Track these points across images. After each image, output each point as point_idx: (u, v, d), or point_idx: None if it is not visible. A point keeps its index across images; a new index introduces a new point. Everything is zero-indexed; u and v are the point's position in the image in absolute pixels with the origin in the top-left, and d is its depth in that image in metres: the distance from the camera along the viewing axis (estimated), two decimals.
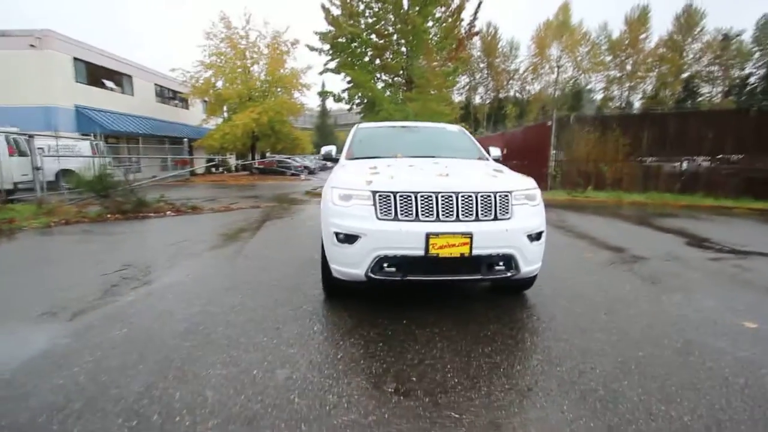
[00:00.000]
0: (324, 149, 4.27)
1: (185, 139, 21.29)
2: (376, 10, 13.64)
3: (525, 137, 14.70)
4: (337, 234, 2.81)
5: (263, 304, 3.21)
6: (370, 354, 2.41)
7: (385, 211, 2.73)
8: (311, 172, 27.28)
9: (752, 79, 43.10)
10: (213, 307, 3.13)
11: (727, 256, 4.92)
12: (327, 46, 15.06)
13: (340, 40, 13.79)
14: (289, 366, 2.25)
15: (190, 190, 14.84)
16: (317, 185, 15.82)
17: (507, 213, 2.79)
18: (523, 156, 14.02)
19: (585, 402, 1.94)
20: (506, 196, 2.81)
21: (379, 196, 2.74)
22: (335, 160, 4.16)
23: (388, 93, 13.79)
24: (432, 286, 3.52)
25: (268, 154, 27.54)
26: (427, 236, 2.62)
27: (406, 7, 13.04)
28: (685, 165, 12.03)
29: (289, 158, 21.42)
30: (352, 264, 2.79)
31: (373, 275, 2.74)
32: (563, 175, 12.81)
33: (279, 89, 22.20)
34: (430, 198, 2.71)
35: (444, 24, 13.33)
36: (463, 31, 13.56)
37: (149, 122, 21.39)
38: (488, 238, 2.67)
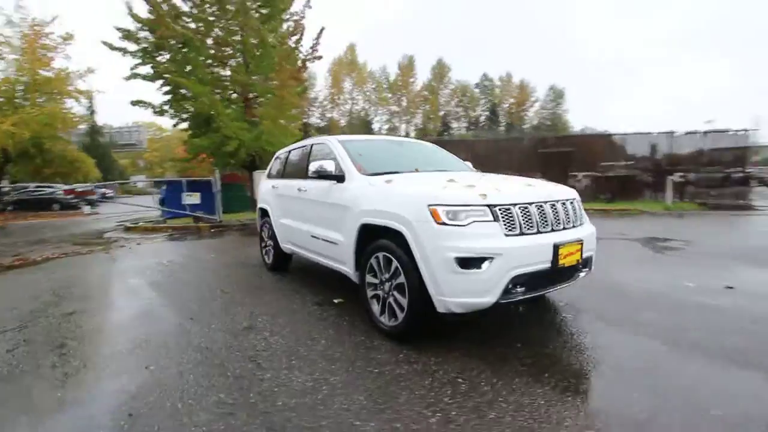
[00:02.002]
0: (317, 164, 3.44)
1: None
2: (204, 15, 11.97)
3: None
4: (459, 259, 2.34)
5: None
6: (558, 400, 2.10)
7: (510, 226, 2.46)
8: (90, 203, 21.12)
9: (482, 118, 59.35)
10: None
11: None
12: (133, 47, 12.15)
13: (150, 40, 11.32)
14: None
15: None
16: (128, 219, 12.34)
17: (584, 217, 2.98)
18: None
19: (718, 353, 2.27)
20: (579, 202, 3.00)
21: (500, 210, 2.45)
22: (336, 178, 3.43)
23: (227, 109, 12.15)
24: None
25: (3, 184, 19.53)
26: (556, 247, 2.51)
27: (243, 17, 11.96)
28: None
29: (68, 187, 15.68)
30: (479, 292, 2.37)
31: (501, 300, 2.41)
32: None
33: (41, 97, 15.96)
34: (542, 208, 2.62)
35: (283, 45, 12.87)
36: (303, 53, 13.40)
37: None
38: (589, 242, 2.78)
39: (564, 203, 2.77)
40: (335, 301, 3.68)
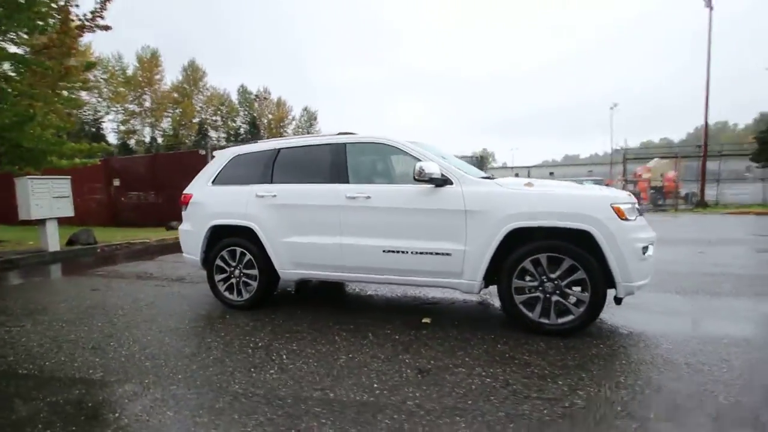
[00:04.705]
0: (421, 165, 2.91)
1: None
2: None
3: (164, 167, 12.71)
4: (644, 248, 2.77)
5: None
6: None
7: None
8: None
9: (241, 130, 57.33)
10: None
11: None
12: None
13: None
14: None
15: None
16: None
17: None
18: (159, 187, 12.22)
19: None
20: None
21: (636, 206, 3.01)
22: (441, 182, 3.04)
23: None
24: None
25: None
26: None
27: None
28: None
29: None
30: (649, 273, 2.88)
31: None
32: None
33: None
34: None
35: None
36: (81, 17, 9.38)
37: None
38: None
39: None
40: (424, 321, 3.24)
